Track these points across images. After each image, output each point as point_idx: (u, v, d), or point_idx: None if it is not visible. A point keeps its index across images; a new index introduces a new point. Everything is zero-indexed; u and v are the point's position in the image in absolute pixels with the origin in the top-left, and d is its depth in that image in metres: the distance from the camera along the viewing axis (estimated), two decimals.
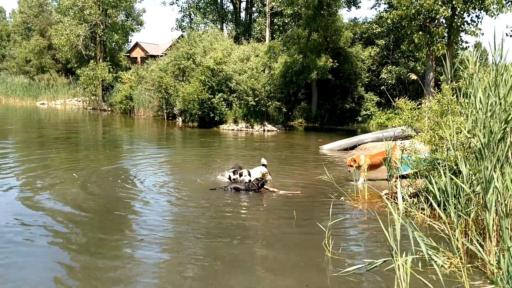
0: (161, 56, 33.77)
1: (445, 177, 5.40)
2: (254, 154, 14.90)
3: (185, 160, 13.76)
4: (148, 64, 32.53)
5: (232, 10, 37.19)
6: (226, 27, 36.85)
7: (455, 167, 6.37)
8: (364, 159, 10.10)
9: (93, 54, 36.56)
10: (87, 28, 34.52)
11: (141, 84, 30.52)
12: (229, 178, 10.00)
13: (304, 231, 6.77)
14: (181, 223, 7.10)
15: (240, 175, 9.63)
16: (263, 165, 9.94)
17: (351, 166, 10.10)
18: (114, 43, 39.30)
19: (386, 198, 7.83)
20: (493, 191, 4.74)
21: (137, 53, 46.18)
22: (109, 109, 35.22)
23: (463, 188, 5.42)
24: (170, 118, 27.81)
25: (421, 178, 7.74)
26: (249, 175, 9.56)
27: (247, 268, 5.33)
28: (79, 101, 40.88)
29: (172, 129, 24.00)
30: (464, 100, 6.85)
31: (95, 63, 35.49)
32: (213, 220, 7.27)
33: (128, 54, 46.63)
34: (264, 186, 9.29)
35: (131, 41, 44.80)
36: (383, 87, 27.74)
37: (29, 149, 14.62)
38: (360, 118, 28.09)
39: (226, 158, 13.14)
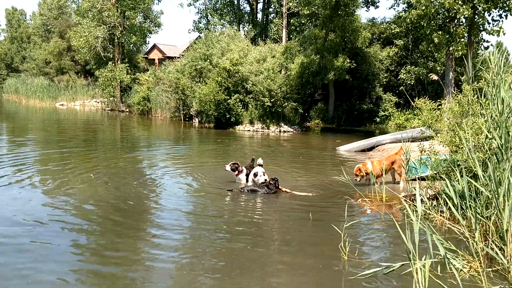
0: (178, 57, 33.92)
1: (463, 179, 5.28)
2: (270, 154, 14.85)
3: (201, 160, 13.77)
4: (166, 65, 32.70)
5: (249, 11, 37.20)
6: (243, 28, 36.86)
7: (475, 169, 6.23)
8: (373, 166, 9.79)
9: (111, 56, 36.88)
10: (106, 30, 34.87)
11: (158, 85, 30.67)
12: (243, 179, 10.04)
13: (320, 233, 6.69)
14: (197, 224, 7.09)
15: (255, 175, 9.60)
16: (259, 165, 9.98)
17: (357, 175, 9.78)
18: (132, 45, 39.62)
19: (404, 200, 7.72)
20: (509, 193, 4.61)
21: (155, 55, 46.52)
22: (127, 110, 35.51)
23: (482, 191, 5.28)
24: (187, 119, 27.89)
25: (440, 180, 7.59)
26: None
27: (262, 270, 5.28)
28: (98, 102, 41.32)
29: (188, 130, 24.07)
30: (485, 101, 6.69)
31: (113, 64, 35.81)
32: (229, 221, 7.25)
33: (146, 55, 46.98)
34: (279, 186, 9.25)
35: (149, 43, 45.17)
36: (402, 87, 27.40)
37: (48, 149, 14.81)
38: (378, 119, 27.78)
39: (242, 158, 13.10)
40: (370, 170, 9.62)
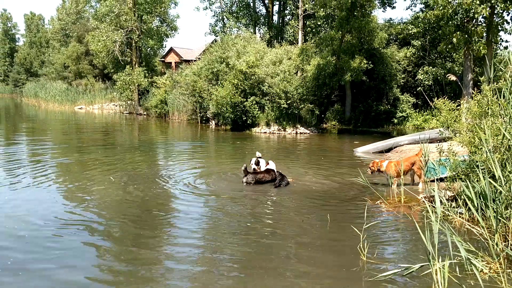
0: (195, 60, 34.15)
1: (484, 180, 5.25)
2: (287, 156, 14.88)
3: (219, 161, 13.86)
4: (182, 68, 32.95)
5: (264, 13, 37.24)
6: (259, 31, 36.91)
7: (494, 170, 6.18)
8: (388, 165, 9.79)
9: (129, 60, 37.28)
10: (123, 34, 35.26)
11: (175, 88, 30.92)
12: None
13: (338, 234, 6.71)
14: (216, 225, 7.18)
15: (258, 163, 10.82)
16: (258, 157, 11.14)
17: (370, 168, 10.02)
18: (149, 49, 40.01)
19: (423, 201, 7.69)
20: None
21: (172, 58, 46.89)
22: (144, 113, 35.85)
23: (501, 191, 5.25)
24: (204, 121, 28.08)
25: (459, 181, 7.55)
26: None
27: (281, 271, 5.33)
28: (116, 106, 41.78)
29: (205, 132, 24.23)
30: (504, 101, 6.65)
31: (131, 68, 36.18)
32: (246, 223, 7.31)
33: (163, 59, 47.39)
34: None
35: (165, 47, 45.52)
36: (420, 88, 27.18)
37: (68, 152, 15.06)
38: (395, 120, 27.58)
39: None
40: (384, 169, 9.66)
